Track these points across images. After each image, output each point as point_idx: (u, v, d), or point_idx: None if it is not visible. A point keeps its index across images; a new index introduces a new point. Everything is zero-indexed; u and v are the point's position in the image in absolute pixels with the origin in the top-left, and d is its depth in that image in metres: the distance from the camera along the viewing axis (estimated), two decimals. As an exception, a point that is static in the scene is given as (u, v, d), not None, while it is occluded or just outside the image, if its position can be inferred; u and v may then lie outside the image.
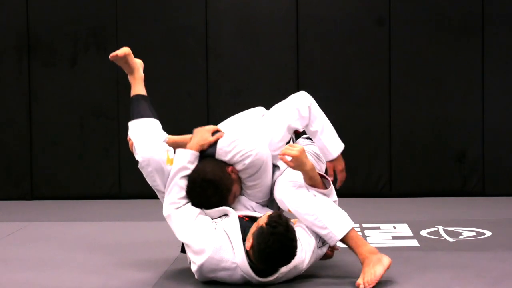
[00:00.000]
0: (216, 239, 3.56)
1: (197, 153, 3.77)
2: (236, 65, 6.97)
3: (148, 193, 6.87)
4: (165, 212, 3.75)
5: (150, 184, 3.87)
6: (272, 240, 3.39)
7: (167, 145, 3.88)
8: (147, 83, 4.20)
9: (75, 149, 7.08)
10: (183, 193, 3.73)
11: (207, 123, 7.02)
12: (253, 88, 6.93)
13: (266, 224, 3.43)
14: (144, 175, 3.86)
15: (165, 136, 3.91)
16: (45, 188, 7.11)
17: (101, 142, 7.06)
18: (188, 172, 3.74)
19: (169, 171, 3.76)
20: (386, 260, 3.63)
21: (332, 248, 3.97)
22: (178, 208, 3.71)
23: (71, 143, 7.07)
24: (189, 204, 3.72)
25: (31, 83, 7.06)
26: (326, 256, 3.96)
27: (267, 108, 4.11)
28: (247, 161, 3.74)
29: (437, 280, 3.73)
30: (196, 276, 3.68)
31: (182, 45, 6.97)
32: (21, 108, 7.08)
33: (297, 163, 3.71)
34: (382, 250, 4.52)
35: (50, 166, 7.10)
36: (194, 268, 3.64)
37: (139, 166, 3.84)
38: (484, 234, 4.96)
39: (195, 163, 3.76)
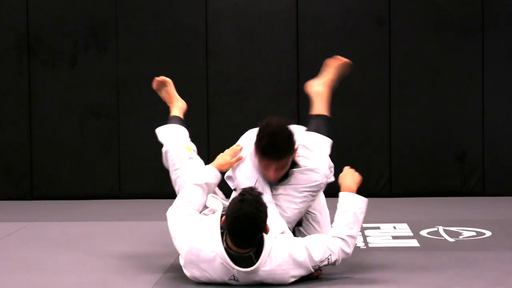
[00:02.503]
0: (197, 229, 3.67)
1: (218, 173, 4.01)
2: (236, 65, 6.97)
3: (148, 193, 6.95)
4: (168, 211, 3.90)
5: (170, 170, 4.26)
6: (240, 206, 3.50)
7: (188, 141, 4.34)
8: (147, 83, 4.20)
9: (75, 149, 7.07)
10: (189, 198, 3.87)
11: (207, 124, 7.06)
12: (253, 88, 6.93)
13: (239, 194, 3.60)
14: (166, 160, 4.30)
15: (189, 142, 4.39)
16: (45, 188, 7.10)
17: (101, 142, 7.05)
18: (198, 186, 3.92)
19: (187, 155, 4.22)
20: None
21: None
22: (177, 207, 3.86)
23: (71, 143, 7.07)
24: (189, 206, 3.84)
25: (31, 83, 7.06)
26: (310, 277, 3.76)
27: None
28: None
29: (437, 280, 3.73)
30: (185, 271, 3.71)
31: (182, 45, 6.96)
32: (21, 108, 7.08)
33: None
34: (382, 250, 4.53)
35: (50, 166, 7.09)
36: (181, 262, 3.72)
37: (163, 150, 4.29)
38: (484, 234, 4.96)
39: (213, 181, 3.97)
